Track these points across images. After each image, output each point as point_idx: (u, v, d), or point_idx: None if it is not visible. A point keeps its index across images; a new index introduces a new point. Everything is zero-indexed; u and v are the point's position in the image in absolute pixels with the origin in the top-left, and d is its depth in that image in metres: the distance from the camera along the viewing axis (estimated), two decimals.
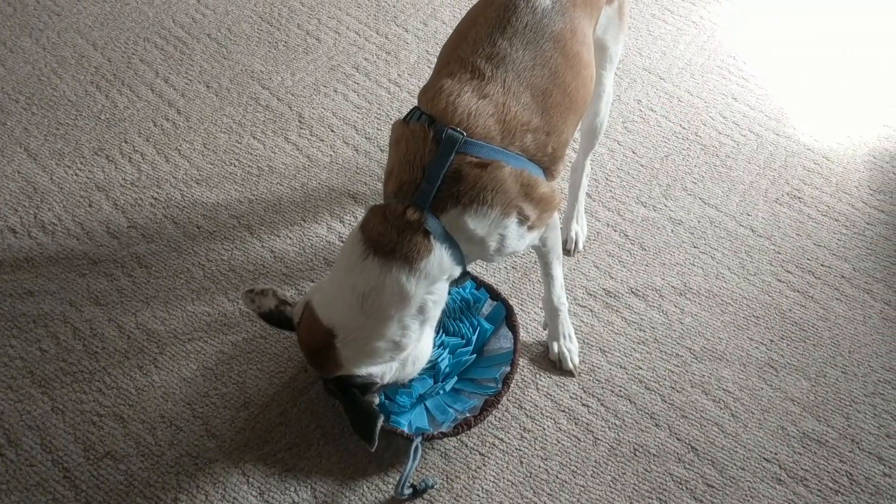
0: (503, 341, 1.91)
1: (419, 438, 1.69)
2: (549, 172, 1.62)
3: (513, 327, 1.91)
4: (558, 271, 1.85)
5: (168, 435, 1.78)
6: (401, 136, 1.53)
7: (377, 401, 1.69)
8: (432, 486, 1.68)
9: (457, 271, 1.53)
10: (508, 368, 1.83)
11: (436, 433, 1.71)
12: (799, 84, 2.87)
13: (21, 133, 2.50)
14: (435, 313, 1.56)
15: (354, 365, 1.53)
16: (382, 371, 1.56)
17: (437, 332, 1.82)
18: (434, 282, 1.50)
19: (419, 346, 1.58)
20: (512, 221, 1.53)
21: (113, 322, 1.99)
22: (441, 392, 1.80)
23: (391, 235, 1.46)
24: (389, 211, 1.48)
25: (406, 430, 1.72)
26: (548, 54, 1.58)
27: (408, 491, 1.65)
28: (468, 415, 1.75)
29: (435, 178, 1.45)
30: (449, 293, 1.62)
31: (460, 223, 1.48)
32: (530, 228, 1.58)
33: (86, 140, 2.49)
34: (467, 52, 1.57)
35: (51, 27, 2.93)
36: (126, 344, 1.95)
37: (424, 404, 1.79)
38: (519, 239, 1.57)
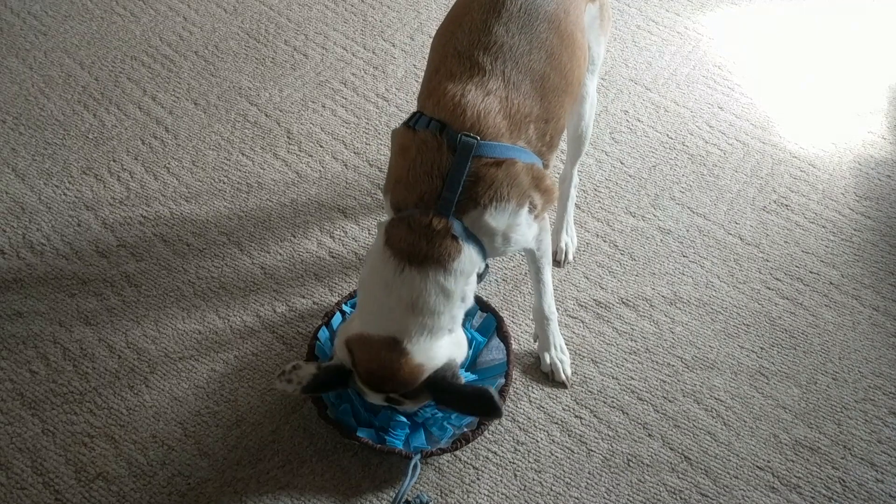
0: (495, 353, 1.91)
1: (418, 456, 1.68)
2: (544, 162, 1.63)
3: (504, 337, 1.91)
4: (549, 277, 1.86)
5: (160, 455, 1.77)
6: (409, 144, 1.52)
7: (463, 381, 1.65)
8: (427, 503, 1.67)
9: (482, 265, 1.57)
10: (503, 380, 1.83)
11: (434, 449, 1.71)
12: (784, 92, 2.89)
13: (9, 153, 2.49)
14: (471, 298, 1.59)
15: (430, 358, 1.52)
16: (451, 350, 1.57)
17: None
18: (469, 276, 1.53)
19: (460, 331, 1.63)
20: (524, 210, 1.55)
21: (103, 342, 1.98)
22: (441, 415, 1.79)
23: (421, 245, 1.47)
24: (414, 222, 1.48)
25: (403, 448, 1.72)
26: (543, 36, 1.59)
27: None
28: (465, 430, 1.75)
29: (456, 186, 1.46)
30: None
31: (482, 222, 1.50)
32: (536, 217, 1.61)
33: (74, 159, 2.48)
34: (464, 43, 1.57)
35: (38, 47, 2.93)
36: (117, 364, 1.94)
37: (423, 425, 1.78)
38: (528, 228, 1.59)
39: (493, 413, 1.50)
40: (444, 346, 1.55)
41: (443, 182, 1.47)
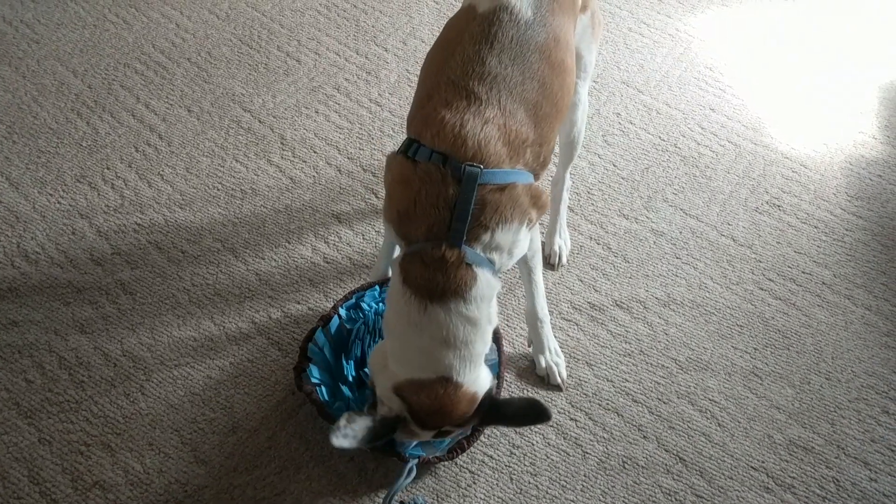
0: (488, 353, 1.91)
1: (415, 461, 1.69)
2: (535, 177, 1.65)
3: (496, 339, 1.92)
4: (540, 278, 1.88)
5: (156, 462, 1.77)
6: (410, 177, 1.52)
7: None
8: None
9: (499, 283, 1.57)
10: (496, 381, 1.83)
11: (431, 458, 1.72)
12: (775, 93, 2.90)
13: (2, 162, 2.49)
14: (496, 318, 1.61)
15: (481, 386, 1.56)
16: (489, 372, 1.61)
17: None
18: (490, 300, 1.55)
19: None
20: (524, 227, 1.58)
21: (99, 350, 1.98)
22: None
23: (438, 278, 1.48)
24: (426, 256, 1.48)
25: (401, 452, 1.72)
26: (535, 66, 1.60)
27: None
28: (460, 437, 1.75)
29: (465, 216, 1.47)
30: None
31: (492, 244, 1.52)
32: (530, 229, 1.64)
33: (68, 167, 2.48)
34: (458, 73, 1.57)
35: (30, 55, 2.93)
36: (112, 372, 1.94)
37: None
38: (525, 240, 1.62)
39: (544, 417, 1.53)
40: (485, 370, 1.59)
41: (451, 213, 1.48)
